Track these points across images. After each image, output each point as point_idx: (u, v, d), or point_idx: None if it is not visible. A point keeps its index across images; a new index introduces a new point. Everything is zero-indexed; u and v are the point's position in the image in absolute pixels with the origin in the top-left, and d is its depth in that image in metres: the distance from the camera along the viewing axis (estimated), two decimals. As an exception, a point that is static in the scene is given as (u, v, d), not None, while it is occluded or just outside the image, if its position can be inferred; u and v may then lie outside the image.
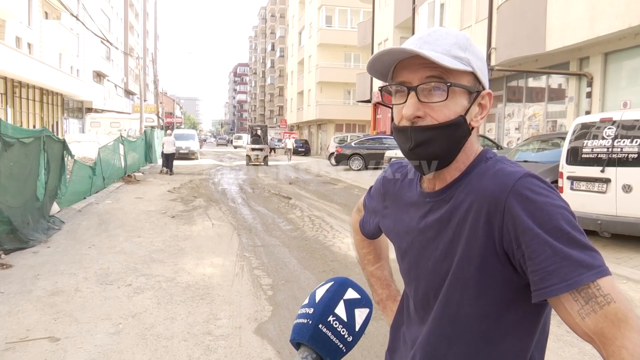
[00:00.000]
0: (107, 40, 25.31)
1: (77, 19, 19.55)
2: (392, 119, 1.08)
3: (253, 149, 26.95)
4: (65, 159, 9.96)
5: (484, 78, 1.05)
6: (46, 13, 29.07)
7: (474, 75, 1.03)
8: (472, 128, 1.05)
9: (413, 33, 22.66)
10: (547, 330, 1.06)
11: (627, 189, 6.65)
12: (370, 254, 1.48)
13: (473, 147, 1.07)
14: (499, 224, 0.94)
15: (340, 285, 0.88)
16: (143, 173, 19.92)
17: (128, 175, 17.19)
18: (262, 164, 26.77)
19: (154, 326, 4.22)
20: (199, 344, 3.88)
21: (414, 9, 22.75)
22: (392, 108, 1.07)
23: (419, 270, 1.10)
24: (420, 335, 1.10)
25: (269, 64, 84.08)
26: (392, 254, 1.50)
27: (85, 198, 11.56)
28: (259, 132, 28.82)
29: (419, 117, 1.00)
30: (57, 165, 9.34)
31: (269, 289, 5.33)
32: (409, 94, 1.01)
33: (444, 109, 1.00)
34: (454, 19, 19.16)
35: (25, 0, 25.43)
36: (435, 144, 1.01)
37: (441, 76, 0.99)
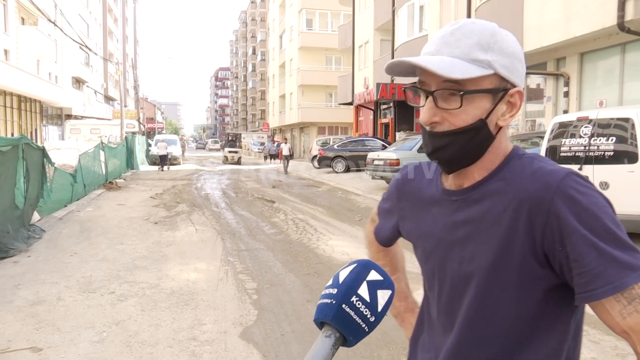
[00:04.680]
0: (86, 46, 25.04)
1: (55, 24, 19.30)
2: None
3: (230, 152, 34.47)
4: (46, 166, 9.84)
5: (513, 75, 0.99)
6: (22, 19, 28.66)
7: (498, 75, 0.98)
8: (500, 128, 1.01)
9: (393, 35, 22.96)
10: (581, 329, 1.06)
11: (604, 186, 6.78)
12: (387, 266, 1.42)
13: (502, 145, 1.03)
14: (541, 224, 0.93)
15: (364, 267, 0.88)
16: (125, 179, 19.74)
17: (109, 182, 17.02)
18: (237, 163, 33.39)
19: (138, 333, 4.20)
20: (185, 350, 3.87)
21: (393, 12, 22.92)
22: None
23: (444, 272, 1.07)
24: (448, 340, 1.07)
25: (250, 68, 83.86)
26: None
27: (66, 206, 11.41)
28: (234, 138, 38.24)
29: (436, 122, 0.99)
30: (38, 173, 9.22)
31: (254, 293, 5.33)
32: (427, 98, 1.00)
33: (462, 115, 0.97)
34: (434, 20, 19.35)
35: (1, 6, 25.07)
36: (453, 148, 0.99)
37: (457, 82, 0.95)
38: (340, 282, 0.87)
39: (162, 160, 26.87)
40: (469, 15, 16.11)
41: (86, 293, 5.30)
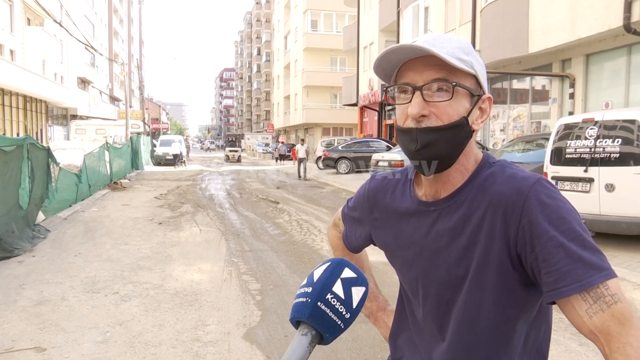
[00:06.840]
0: (92, 47, 25.08)
1: (61, 25, 19.36)
2: (395, 121, 1.08)
3: (231, 151, 40.04)
4: (51, 166, 9.87)
5: (485, 83, 1.08)
6: (28, 19, 28.78)
7: (476, 79, 1.05)
8: (473, 131, 1.06)
9: (398, 36, 22.90)
10: (550, 321, 1.12)
11: (609, 188, 6.74)
12: None
13: (473, 150, 1.09)
14: (515, 227, 0.97)
15: (337, 265, 0.90)
16: (129, 180, 19.78)
17: (114, 182, 17.06)
18: (237, 161, 38.21)
19: (142, 334, 4.20)
20: (188, 351, 3.87)
21: (398, 13, 22.89)
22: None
23: (429, 279, 1.11)
24: (441, 345, 1.11)
25: (255, 69, 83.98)
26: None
27: (71, 206, 11.45)
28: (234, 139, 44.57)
29: (424, 116, 1.01)
30: (43, 173, 9.25)
31: (258, 294, 5.32)
32: (413, 93, 1.02)
33: (448, 109, 1.01)
34: (438, 22, 19.31)
35: (7, 7, 25.19)
36: (440, 145, 1.02)
37: (446, 78, 1.01)
38: (315, 280, 0.88)
39: (175, 158, 30.16)
40: (474, 17, 16.09)
41: (90, 293, 5.30)
